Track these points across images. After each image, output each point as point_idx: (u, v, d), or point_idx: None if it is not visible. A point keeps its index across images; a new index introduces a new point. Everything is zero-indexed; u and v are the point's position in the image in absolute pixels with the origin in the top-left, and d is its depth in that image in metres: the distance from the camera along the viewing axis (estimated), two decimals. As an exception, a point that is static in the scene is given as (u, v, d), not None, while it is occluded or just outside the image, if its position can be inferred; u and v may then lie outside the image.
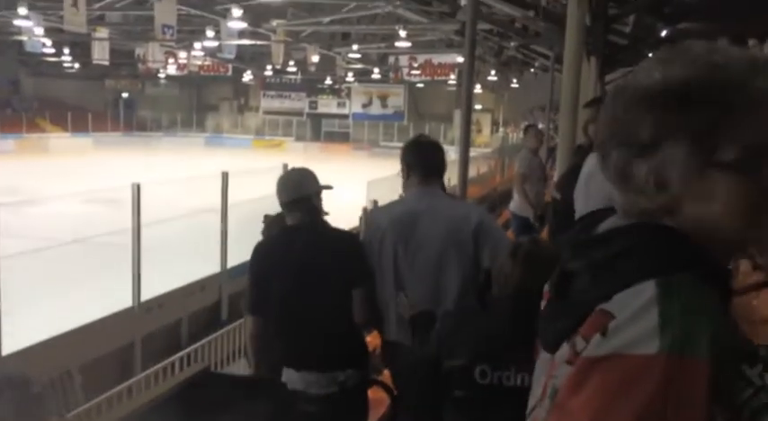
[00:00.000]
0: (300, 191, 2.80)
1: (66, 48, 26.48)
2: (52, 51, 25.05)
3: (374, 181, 10.53)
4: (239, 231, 8.13)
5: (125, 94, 41.33)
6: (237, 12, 16.77)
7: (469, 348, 2.02)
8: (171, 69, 30.05)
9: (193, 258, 9.05)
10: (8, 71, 34.97)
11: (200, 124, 43.25)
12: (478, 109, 32.57)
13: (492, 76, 26.95)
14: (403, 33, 18.76)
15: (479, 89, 28.53)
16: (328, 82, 37.17)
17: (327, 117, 41.53)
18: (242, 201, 8.65)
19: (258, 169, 9.73)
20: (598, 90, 8.80)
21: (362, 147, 37.79)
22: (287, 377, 2.75)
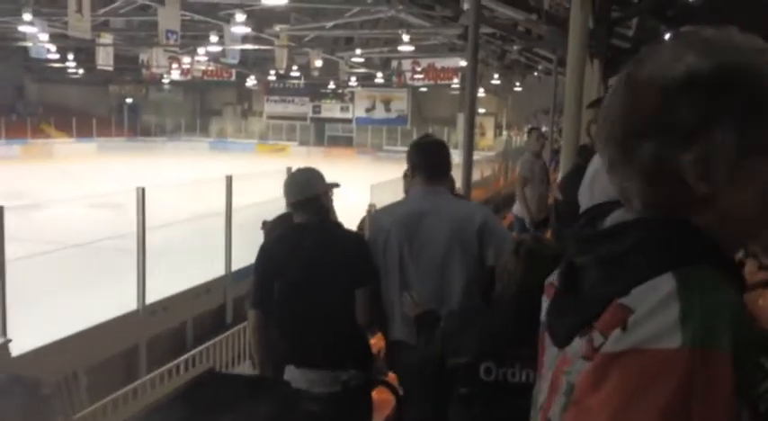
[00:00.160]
0: (308, 191, 2.81)
1: (70, 53, 26.58)
2: (57, 57, 25.14)
3: (378, 184, 10.54)
4: (243, 235, 8.15)
5: (129, 100, 41.44)
6: (241, 17, 16.81)
7: (474, 346, 2.04)
8: (175, 74, 30.18)
9: (198, 262, 9.07)
10: (13, 77, 35.13)
11: (203, 129, 43.37)
12: (482, 112, 32.60)
13: (495, 80, 26.99)
14: (406, 37, 18.77)
15: (483, 93, 28.54)
16: (331, 86, 37.19)
17: (331, 121, 41.58)
18: (246, 204, 8.67)
19: (262, 173, 9.78)
20: (601, 93, 8.80)
21: (366, 151, 37.83)
22: (290, 375, 2.76)
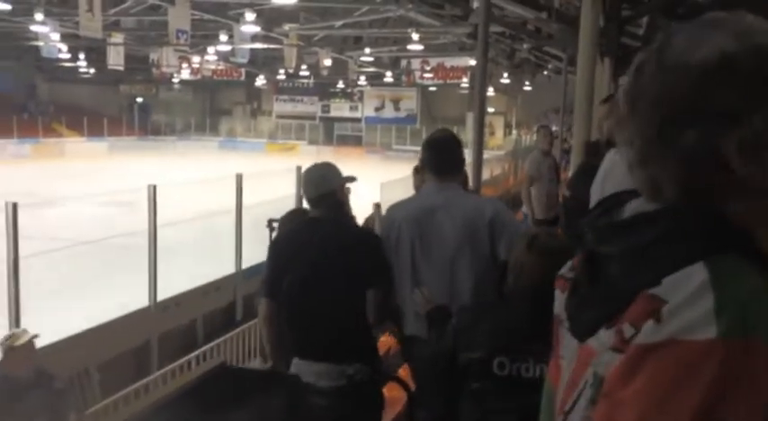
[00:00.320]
0: (324, 186, 2.83)
1: (81, 53, 26.67)
2: (68, 57, 25.23)
3: (387, 182, 10.55)
4: (255, 233, 8.17)
5: (140, 99, 41.64)
6: (250, 16, 16.84)
7: (488, 341, 2.02)
8: (185, 74, 30.28)
9: (208, 259, 9.11)
10: (25, 76, 35.38)
11: (213, 128, 43.54)
12: (491, 112, 32.52)
13: (505, 79, 26.92)
14: (415, 36, 18.74)
15: (492, 92, 28.49)
16: (341, 86, 37.20)
17: (340, 121, 41.62)
18: (255, 202, 8.69)
19: (271, 172, 9.81)
20: (612, 91, 8.77)
21: (375, 150, 37.82)
22: (296, 368, 2.78)
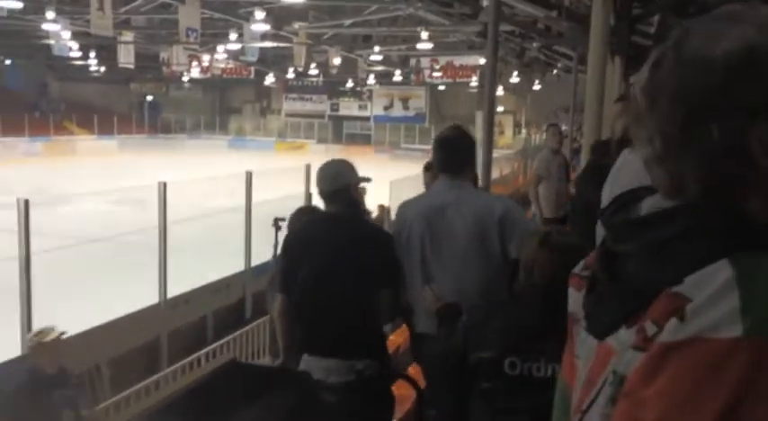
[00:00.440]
0: (339, 182, 2.85)
1: (92, 51, 26.82)
2: (79, 55, 25.39)
3: (396, 181, 10.55)
4: (264, 231, 8.20)
5: (150, 97, 41.77)
6: (260, 14, 16.88)
7: (499, 340, 2.01)
8: (194, 72, 30.40)
9: (217, 257, 9.13)
10: (36, 74, 35.60)
11: (223, 127, 43.65)
12: (500, 111, 32.43)
13: (514, 78, 26.84)
14: (425, 35, 18.73)
15: (501, 91, 28.40)
16: (350, 84, 37.20)
17: (349, 119, 41.62)
18: (264, 200, 8.71)
19: (280, 170, 9.82)
20: (622, 90, 8.74)
21: (384, 149, 37.77)
22: (306, 364, 2.79)
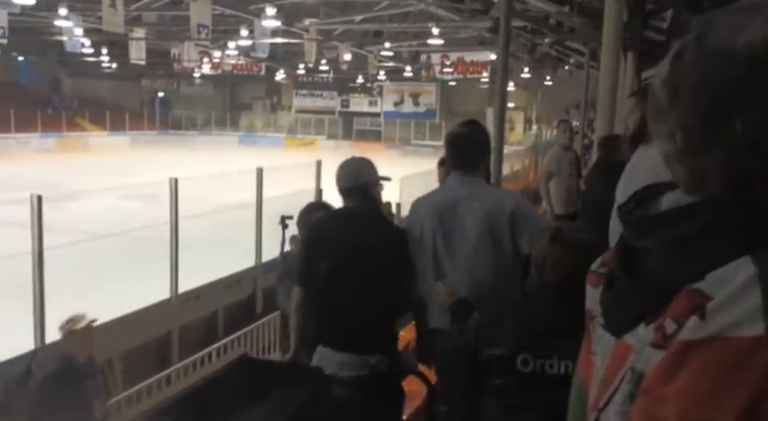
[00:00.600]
0: (358, 179, 2.89)
1: (104, 48, 26.96)
2: (91, 51, 25.54)
3: (407, 177, 10.53)
4: (272, 227, 8.23)
5: (161, 94, 42.00)
6: (271, 11, 16.90)
7: (511, 337, 1.99)
8: (206, 68, 30.41)
9: (228, 253, 9.17)
10: (49, 71, 35.85)
11: (233, 123, 43.80)
12: (511, 107, 32.31)
13: (525, 74, 26.71)
14: (435, 31, 18.65)
15: (512, 87, 28.28)
16: (360, 80, 37.22)
17: (359, 115, 41.61)
18: (273, 196, 8.74)
19: (290, 166, 9.83)
20: (635, 86, 8.67)
21: (394, 145, 37.76)
22: (319, 356, 2.80)
